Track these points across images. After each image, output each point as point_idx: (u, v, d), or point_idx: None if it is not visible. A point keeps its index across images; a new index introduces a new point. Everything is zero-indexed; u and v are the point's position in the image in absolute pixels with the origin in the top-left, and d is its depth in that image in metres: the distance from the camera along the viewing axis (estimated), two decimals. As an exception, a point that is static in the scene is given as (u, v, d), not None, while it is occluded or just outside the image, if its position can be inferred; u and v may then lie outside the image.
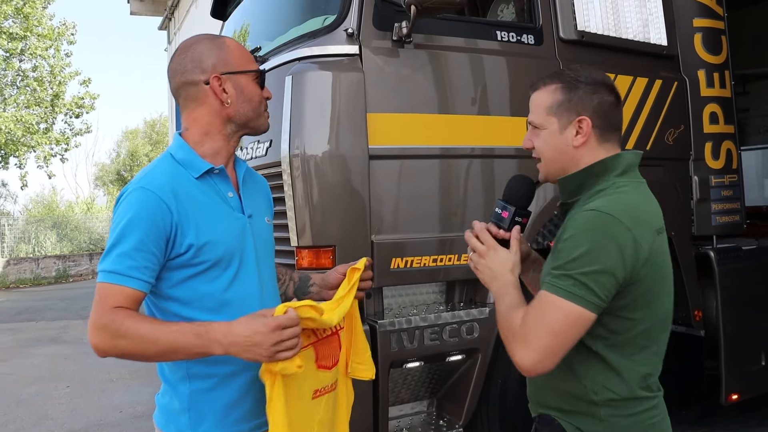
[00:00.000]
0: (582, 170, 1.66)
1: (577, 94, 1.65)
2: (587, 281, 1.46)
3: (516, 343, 1.51)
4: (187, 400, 1.68)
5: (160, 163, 1.72)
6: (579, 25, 3.41)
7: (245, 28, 4.18)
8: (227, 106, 1.72)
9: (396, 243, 2.85)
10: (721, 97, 4.08)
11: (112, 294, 1.54)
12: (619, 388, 1.58)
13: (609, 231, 1.49)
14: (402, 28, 2.86)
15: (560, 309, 1.47)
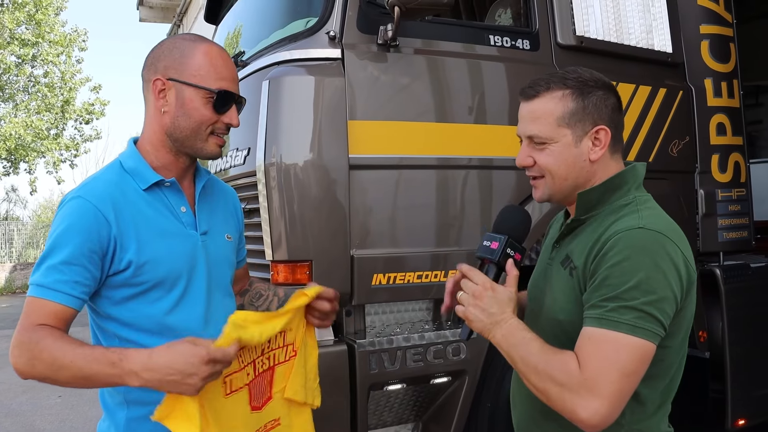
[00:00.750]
0: (602, 184, 1.49)
1: (591, 100, 1.48)
2: (652, 311, 1.30)
3: (578, 395, 1.28)
4: (123, 428, 1.55)
5: (106, 171, 1.60)
6: (578, 30, 3.26)
7: (237, 31, 4.06)
8: (163, 114, 1.58)
9: (378, 258, 2.69)
10: (730, 108, 3.90)
11: (37, 309, 1.43)
12: (648, 425, 1.44)
13: (665, 252, 1.33)
14: (387, 31, 2.71)
15: (628, 347, 1.29)
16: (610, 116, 1.49)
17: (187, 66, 1.56)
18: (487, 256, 1.50)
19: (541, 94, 1.50)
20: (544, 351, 1.34)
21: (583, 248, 1.44)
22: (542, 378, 1.32)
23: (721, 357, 3.61)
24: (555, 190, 1.53)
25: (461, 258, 2.85)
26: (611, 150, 1.51)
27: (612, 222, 1.43)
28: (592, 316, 1.33)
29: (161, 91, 1.57)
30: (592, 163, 1.49)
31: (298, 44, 2.78)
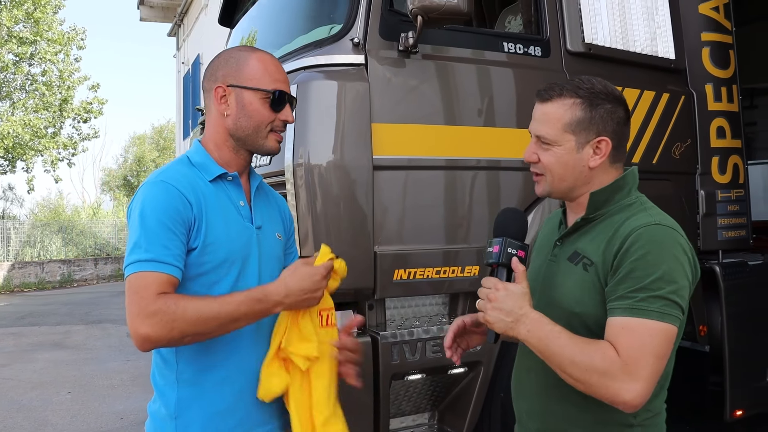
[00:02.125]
0: (610, 186, 1.62)
1: (599, 112, 1.59)
2: (676, 299, 1.43)
3: (619, 381, 1.39)
4: (174, 406, 1.65)
5: (177, 164, 1.74)
6: (586, 38, 3.40)
7: (252, 35, 4.18)
8: (225, 117, 1.73)
9: (399, 254, 2.84)
10: (729, 112, 4.06)
11: (153, 282, 1.53)
12: (655, 405, 1.58)
13: (680, 246, 1.48)
14: (408, 39, 2.85)
15: (660, 332, 1.41)
16: (614, 129, 1.60)
17: (244, 72, 1.72)
18: (492, 261, 1.59)
19: (554, 99, 1.62)
20: (576, 342, 1.44)
21: (598, 245, 1.55)
22: (581, 368, 1.41)
23: (720, 350, 3.77)
24: (553, 188, 1.65)
25: (476, 255, 3.00)
26: (612, 159, 1.63)
27: (624, 220, 1.54)
28: (622, 307, 1.44)
29: (222, 97, 1.72)
30: (591, 170, 1.61)
31: (323, 50, 2.92)
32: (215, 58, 1.80)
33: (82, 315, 12.83)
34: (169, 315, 1.49)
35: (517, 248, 1.57)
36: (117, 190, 32.18)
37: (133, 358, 8.44)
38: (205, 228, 1.63)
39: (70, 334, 10.50)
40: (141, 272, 1.53)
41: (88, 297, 16.53)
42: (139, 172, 31.39)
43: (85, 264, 21.81)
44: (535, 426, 1.69)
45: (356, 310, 2.88)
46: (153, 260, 1.54)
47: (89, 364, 8.19)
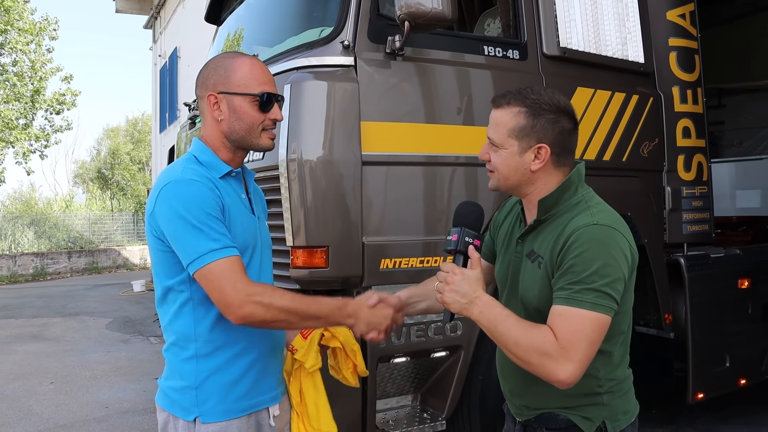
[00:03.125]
0: (558, 189, 1.76)
1: (540, 121, 1.73)
2: (609, 291, 1.60)
3: (555, 361, 1.57)
4: (194, 378, 1.81)
5: (189, 163, 1.86)
6: (561, 42, 3.60)
7: (239, 33, 4.31)
8: (220, 122, 1.87)
9: (385, 245, 3.01)
10: (694, 113, 4.29)
11: (236, 265, 1.72)
12: (617, 374, 1.79)
13: (616, 243, 1.64)
14: (395, 42, 3.02)
15: (592, 320, 1.59)
16: (554, 137, 1.74)
17: (232, 79, 1.86)
18: (451, 248, 1.78)
19: (503, 106, 1.78)
20: (521, 325, 1.63)
21: (548, 244, 1.73)
22: (523, 349, 1.60)
23: (684, 338, 4.01)
24: (500, 185, 1.82)
25: (458, 246, 3.19)
26: (555, 164, 1.77)
27: (570, 219, 1.71)
28: (561, 297, 1.63)
29: (215, 104, 1.87)
30: (533, 173, 1.76)
31: (314, 51, 3.08)
32: (205, 67, 1.93)
33: (58, 308, 12.81)
34: (267, 299, 1.72)
35: (473, 237, 1.76)
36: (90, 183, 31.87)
37: (113, 349, 8.51)
38: (228, 219, 1.80)
39: (48, 327, 10.51)
40: (220, 260, 1.70)
41: (63, 290, 16.46)
42: (113, 165, 31.11)
43: (58, 257, 21.64)
44: (518, 402, 1.89)
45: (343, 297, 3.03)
46: (225, 247, 1.71)
47: (70, 355, 8.25)
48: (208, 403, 1.80)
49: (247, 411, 1.85)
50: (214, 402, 1.81)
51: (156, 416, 1.95)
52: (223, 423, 1.80)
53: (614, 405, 1.78)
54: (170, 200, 1.74)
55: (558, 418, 1.79)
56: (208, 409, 1.80)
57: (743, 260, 4.49)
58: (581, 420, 1.76)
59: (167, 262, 1.79)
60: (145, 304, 12.84)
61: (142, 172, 30.63)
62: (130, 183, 30.34)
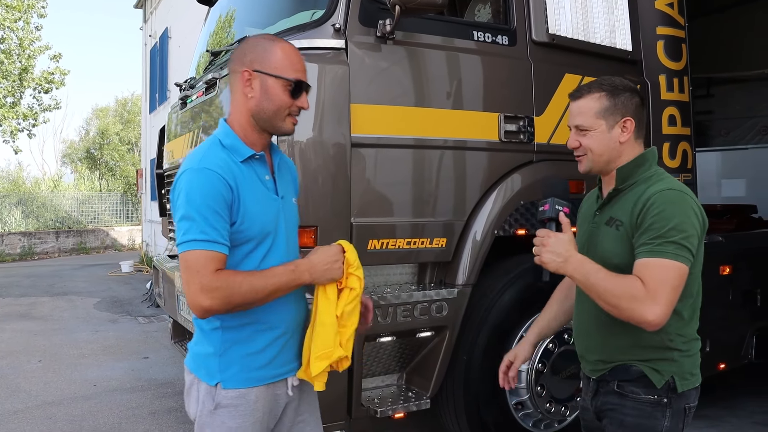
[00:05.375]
0: (634, 161, 2.03)
1: (620, 99, 2.02)
2: (686, 243, 1.83)
3: (644, 304, 1.78)
4: (219, 346, 1.92)
5: (213, 147, 1.92)
6: (550, 29, 3.64)
7: (231, 14, 4.32)
8: (249, 98, 1.93)
9: (373, 226, 3.06)
10: (680, 101, 4.34)
11: (210, 259, 1.77)
12: (687, 332, 1.97)
13: (689, 204, 1.89)
14: (386, 26, 3.05)
15: (674, 268, 1.81)
16: (634, 111, 2.03)
17: (270, 60, 1.92)
18: (544, 216, 2.02)
19: (584, 95, 2.06)
20: (611, 276, 1.85)
21: (626, 210, 1.97)
22: (615, 294, 1.82)
23: (664, 322, 4.08)
24: (594, 164, 2.07)
25: (443, 228, 3.24)
26: (635, 135, 2.05)
27: (646, 188, 1.96)
28: (645, 251, 1.85)
29: (248, 81, 1.92)
30: (621, 145, 2.03)
31: (306, 34, 3.10)
32: (243, 43, 2.00)
33: (45, 287, 12.81)
34: (227, 290, 1.77)
35: (563, 206, 2.01)
36: (78, 163, 31.66)
37: (101, 329, 8.54)
38: (242, 206, 1.86)
39: (36, 306, 10.52)
40: (198, 250, 1.77)
41: (51, 270, 16.44)
42: (102, 145, 30.88)
43: (46, 237, 21.57)
44: (594, 357, 2.10)
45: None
46: (207, 240, 1.77)
47: (58, 334, 8.28)
48: (230, 371, 1.91)
49: (266, 381, 1.95)
50: (236, 370, 1.91)
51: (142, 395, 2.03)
52: (242, 390, 1.91)
53: (683, 363, 1.96)
54: (182, 186, 1.83)
55: (631, 369, 1.98)
56: (229, 376, 1.91)
57: (725, 247, 4.57)
58: (652, 372, 1.94)
59: None
60: (133, 285, 12.86)
61: (131, 153, 30.45)
62: (119, 163, 30.14)
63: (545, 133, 3.56)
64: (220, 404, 1.90)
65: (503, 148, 3.44)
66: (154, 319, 8.87)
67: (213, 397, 1.91)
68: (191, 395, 1.98)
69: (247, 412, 1.92)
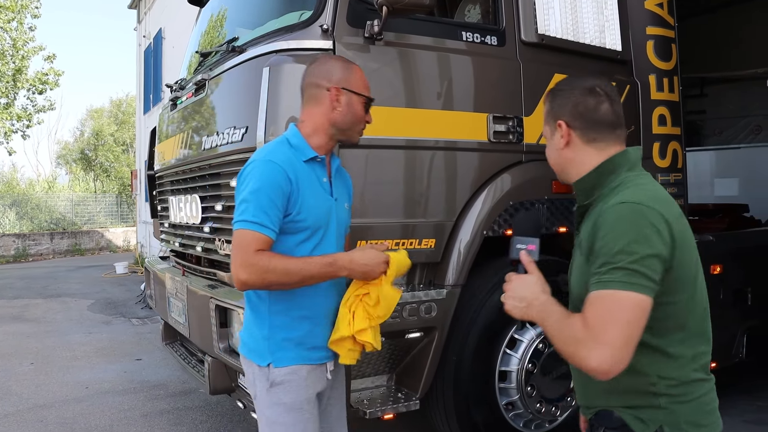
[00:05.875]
0: (594, 170, 1.75)
1: (557, 101, 1.81)
2: (638, 268, 1.50)
3: (585, 347, 1.50)
4: (268, 330, 2.18)
5: (281, 144, 2.20)
6: (540, 29, 3.64)
7: (222, 14, 4.32)
8: (335, 111, 2.22)
9: (362, 227, 3.05)
10: (670, 101, 4.35)
11: (253, 240, 2.02)
12: (675, 374, 1.62)
13: (645, 218, 1.55)
14: (374, 26, 3.05)
15: (621, 300, 1.50)
16: (570, 111, 1.77)
17: (353, 80, 2.25)
18: (511, 258, 1.79)
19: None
20: (562, 317, 1.58)
21: (587, 230, 1.68)
22: (563, 340, 1.56)
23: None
24: (557, 175, 1.89)
25: (433, 229, 3.24)
26: (584, 140, 1.76)
27: (606, 203, 1.66)
28: (593, 282, 1.57)
29: (336, 96, 2.21)
30: (564, 150, 1.80)
31: (294, 35, 3.10)
32: (325, 61, 2.30)
33: (39, 289, 12.78)
34: (263, 268, 2.00)
35: (527, 243, 1.77)
36: (73, 164, 31.58)
37: (95, 330, 8.53)
38: (300, 198, 2.12)
39: (29, 308, 10.50)
40: (245, 230, 2.03)
41: (45, 271, 16.41)
42: (97, 146, 30.79)
43: (40, 238, 21.52)
44: (580, 401, 1.86)
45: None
46: (256, 222, 2.02)
47: (51, 336, 8.26)
48: (279, 352, 2.15)
49: (312, 361, 2.19)
50: (285, 351, 2.15)
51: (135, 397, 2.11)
52: (294, 366, 2.15)
53: (677, 411, 1.63)
54: (248, 174, 2.10)
55: (612, 416, 1.70)
56: (279, 356, 2.15)
57: (716, 247, 4.58)
58: (633, 420, 1.65)
59: None
60: (128, 286, 12.84)
61: (126, 154, 30.38)
62: (114, 164, 30.09)
63: (534, 133, 3.56)
64: (274, 382, 2.14)
65: (492, 149, 3.44)
66: (148, 321, 8.86)
67: (267, 377, 2.15)
68: (248, 379, 2.24)
69: (301, 387, 2.16)
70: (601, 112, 1.76)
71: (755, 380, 5.37)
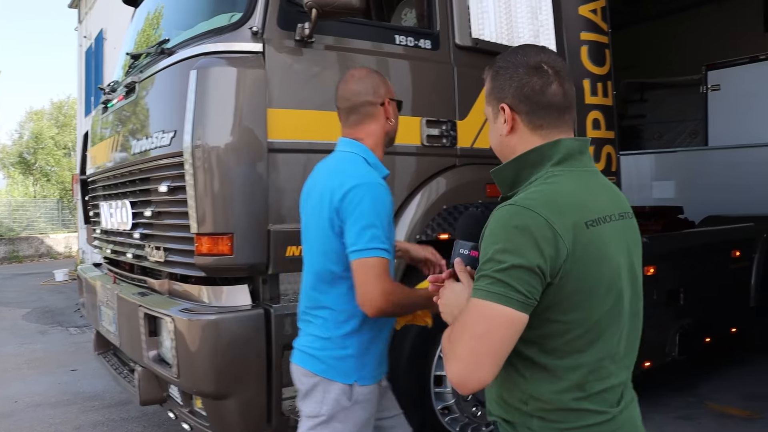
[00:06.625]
0: (515, 159, 1.55)
1: (499, 80, 1.56)
2: (504, 278, 1.33)
3: (446, 359, 1.40)
4: (358, 348, 2.16)
5: (363, 164, 2.21)
6: (474, 33, 3.65)
7: (157, 15, 4.22)
8: (390, 123, 2.32)
9: (292, 232, 2.99)
10: (604, 105, 4.42)
11: (387, 267, 2.07)
12: (551, 398, 1.44)
13: (523, 224, 1.36)
14: (304, 29, 3.01)
15: (480, 310, 1.35)
16: (514, 93, 1.53)
17: (391, 89, 2.35)
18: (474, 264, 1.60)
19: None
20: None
21: None
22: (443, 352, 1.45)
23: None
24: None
25: (367, 234, 3.21)
26: (530, 126, 1.53)
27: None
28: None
29: (389, 108, 2.31)
30: (508, 137, 1.56)
31: (223, 37, 3.04)
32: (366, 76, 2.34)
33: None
34: (399, 297, 2.09)
35: (470, 248, 1.62)
36: (11, 168, 30.52)
37: (28, 341, 8.22)
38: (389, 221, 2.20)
39: (-39, 318, 10.08)
40: (381, 258, 2.04)
41: (-20, 279, 15.79)
42: (37, 150, 29.84)
43: (-24, 245, 20.75)
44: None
45: (251, 284, 3.04)
46: (387, 249, 2.07)
47: (-19, 347, 7.94)
48: (365, 370, 2.17)
49: (379, 377, 2.26)
50: (369, 369, 2.19)
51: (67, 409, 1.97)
52: (372, 386, 2.20)
53: None
54: (365, 197, 2.07)
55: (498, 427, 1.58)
56: (364, 375, 2.17)
57: (650, 248, 4.56)
58: None
59: (342, 251, 2.09)
60: (67, 294, 12.44)
61: (67, 158, 29.54)
62: (55, 168, 29.23)
63: (469, 137, 3.57)
64: (357, 400, 2.16)
65: (425, 153, 3.43)
66: (87, 330, 8.56)
67: (350, 395, 2.15)
68: (313, 396, 2.18)
69: (373, 404, 2.22)
70: (548, 94, 1.53)
71: (687, 378, 5.51)
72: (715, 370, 5.78)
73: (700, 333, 5.10)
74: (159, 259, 3.33)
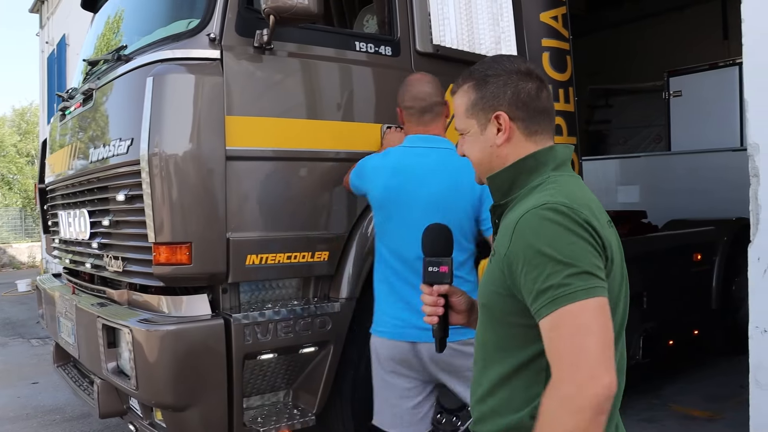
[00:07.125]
0: (512, 165, 1.52)
1: (490, 88, 1.53)
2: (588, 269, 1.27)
3: (563, 382, 1.24)
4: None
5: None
6: (435, 39, 3.65)
7: (116, 21, 4.16)
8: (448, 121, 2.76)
9: (251, 240, 2.98)
10: (566, 111, 4.46)
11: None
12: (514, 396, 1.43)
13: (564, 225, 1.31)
14: (263, 36, 2.98)
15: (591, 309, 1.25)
16: (509, 100, 1.51)
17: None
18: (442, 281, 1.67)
19: (457, 90, 1.61)
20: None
21: (503, 234, 1.43)
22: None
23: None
24: (481, 175, 1.61)
25: (326, 241, 3.19)
26: (526, 133, 1.52)
27: (517, 206, 1.45)
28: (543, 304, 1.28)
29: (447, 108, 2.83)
30: (501, 147, 1.53)
31: (180, 44, 2.99)
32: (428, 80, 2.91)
33: None
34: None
35: (438, 265, 1.64)
36: (-28, 177, 29.88)
37: (-12, 353, 8.03)
38: None
39: None
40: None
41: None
42: (-2, 158, 29.26)
43: (-66, 255, 20.25)
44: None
45: (210, 294, 3.00)
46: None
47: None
48: None
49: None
50: None
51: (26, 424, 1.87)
52: None
53: None
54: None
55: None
56: None
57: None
58: None
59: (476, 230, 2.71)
60: (30, 305, 12.14)
61: (30, 166, 28.98)
62: (17, 177, 28.65)
63: (431, 143, 3.57)
64: None
65: (387, 159, 3.41)
66: (49, 341, 8.28)
67: None
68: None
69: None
70: (543, 99, 1.55)
71: (651, 380, 5.57)
72: (678, 372, 5.85)
73: (664, 336, 5.17)
74: (117, 269, 3.27)
